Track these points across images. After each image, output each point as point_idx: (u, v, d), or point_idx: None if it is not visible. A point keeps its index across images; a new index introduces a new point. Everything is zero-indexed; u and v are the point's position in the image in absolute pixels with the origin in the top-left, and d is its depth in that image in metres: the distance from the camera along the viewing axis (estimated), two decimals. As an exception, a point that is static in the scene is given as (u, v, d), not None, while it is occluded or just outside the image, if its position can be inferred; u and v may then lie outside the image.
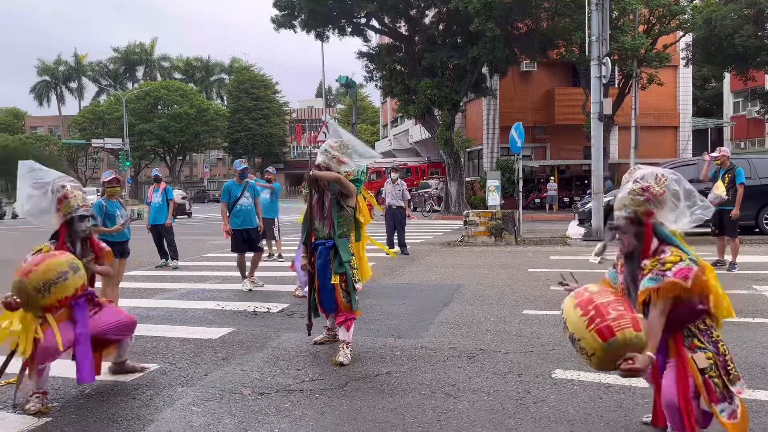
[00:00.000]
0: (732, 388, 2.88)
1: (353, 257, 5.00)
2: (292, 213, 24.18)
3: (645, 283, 2.92)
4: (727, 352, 2.93)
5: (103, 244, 4.52)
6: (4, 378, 4.32)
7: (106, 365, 4.58)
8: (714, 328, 2.97)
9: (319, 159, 4.99)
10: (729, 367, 2.90)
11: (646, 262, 2.98)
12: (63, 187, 4.22)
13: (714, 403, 2.83)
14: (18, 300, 3.85)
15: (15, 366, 4.89)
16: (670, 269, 2.87)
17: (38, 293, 3.85)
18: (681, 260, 2.89)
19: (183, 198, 30.55)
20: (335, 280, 4.85)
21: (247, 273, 8.49)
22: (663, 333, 2.90)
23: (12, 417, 3.85)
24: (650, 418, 3.47)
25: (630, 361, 2.73)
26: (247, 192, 8.44)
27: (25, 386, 3.99)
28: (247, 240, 8.40)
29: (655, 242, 3.02)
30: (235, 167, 8.73)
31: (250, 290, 8.24)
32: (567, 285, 3.34)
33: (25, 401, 3.94)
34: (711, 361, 2.86)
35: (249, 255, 8.56)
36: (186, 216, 29.41)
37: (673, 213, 3.05)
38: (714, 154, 9.19)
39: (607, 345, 2.77)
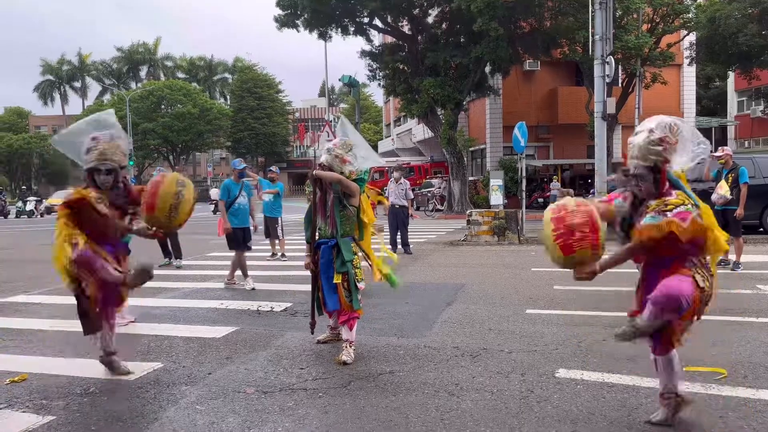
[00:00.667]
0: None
1: (356, 256, 5.00)
2: (295, 212, 24.20)
3: (646, 220, 3.23)
4: (712, 288, 3.29)
5: (135, 192, 4.52)
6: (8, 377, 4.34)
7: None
8: (709, 265, 3.31)
9: (323, 158, 5.01)
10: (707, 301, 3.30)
11: (652, 202, 3.26)
12: (94, 139, 4.30)
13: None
14: (157, 230, 4.35)
15: (16, 365, 4.92)
16: (671, 210, 3.17)
17: (169, 219, 4.31)
18: (683, 204, 3.19)
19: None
20: (338, 279, 4.85)
21: (235, 273, 8.59)
22: (667, 258, 3.25)
23: (17, 415, 3.86)
24: (656, 417, 3.46)
25: (580, 271, 3.33)
26: (244, 191, 8.58)
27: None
28: (242, 239, 8.51)
29: (666, 186, 3.30)
30: (234, 166, 8.78)
31: (253, 289, 8.28)
32: (560, 191, 3.67)
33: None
34: (707, 284, 3.25)
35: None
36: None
37: (679, 156, 3.32)
38: (717, 154, 9.16)
39: (565, 258, 3.32)
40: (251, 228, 8.73)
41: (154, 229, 4.35)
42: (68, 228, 4.15)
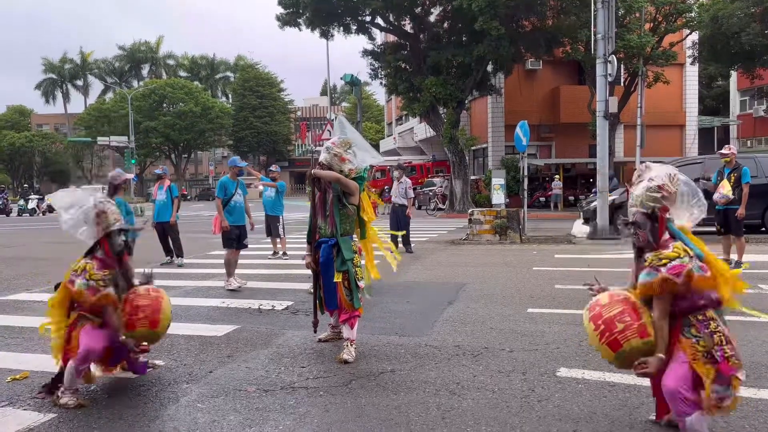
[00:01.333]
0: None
1: (356, 255, 4.99)
2: (296, 211, 24.22)
3: (641, 278, 3.15)
4: (723, 341, 3.05)
5: (131, 264, 4.48)
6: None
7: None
8: (711, 320, 3.09)
9: (322, 157, 5.01)
10: (726, 354, 3.02)
11: (648, 255, 3.17)
12: (101, 202, 4.25)
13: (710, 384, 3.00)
14: (144, 345, 4.31)
15: (18, 362, 4.93)
16: (665, 265, 3.07)
17: (164, 334, 4.44)
18: (678, 257, 3.07)
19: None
20: (338, 278, 4.85)
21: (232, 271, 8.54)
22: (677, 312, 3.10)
23: (19, 413, 3.87)
24: (655, 415, 3.47)
25: (641, 366, 3.13)
26: (239, 189, 8.55)
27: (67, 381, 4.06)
28: (238, 237, 8.47)
29: (666, 236, 3.21)
30: (234, 164, 8.69)
31: (239, 287, 8.22)
32: (591, 287, 3.60)
33: (57, 397, 4.01)
34: (704, 350, 3.03)
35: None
36: None
37: (678, 210, 3.28)
38: (724, 152, 9.15)
39: (617, 354, 3.19)
40: (248, 226, 8.68)
41: (142, 345, 4.27)
42: (61, 324, 4.14)
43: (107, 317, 4.09)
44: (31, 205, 35.92)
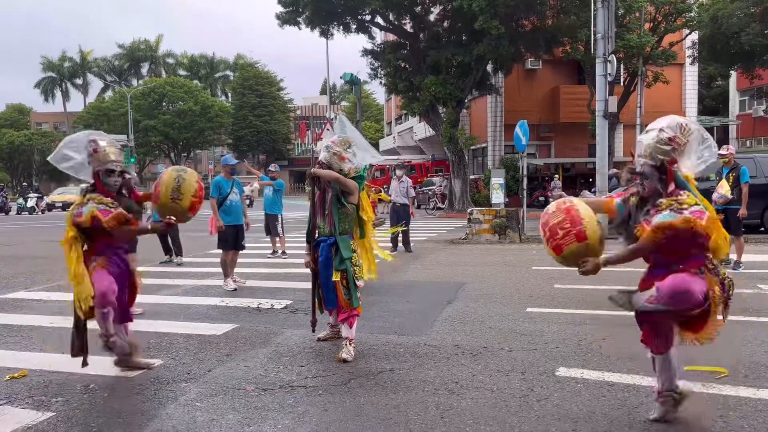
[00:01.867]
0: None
1: (354, 254, 4.99)
2: (295, 210, 24.21)
3: (664, 217, 3.17)
4: (730, 289, 3.28)
5: (140, 193, 4.67)
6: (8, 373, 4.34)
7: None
8: (720, 267, 3.28)
9: (322, 155, 5.00)
10: (728, 302, 3.29)
11: (663, 201, 3.22)
12: (93, 141, 4.36)
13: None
14: (170, 218, 4.46)
15: (16, 361, 4.92)
16: (687, 209, 3.14)
17: (174, 202, 4.42)
18: (696, 204, 3.19)
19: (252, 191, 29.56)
20: (336, 277, 4.85)
21: (234, 270, 8.49)
22: (676, 262, 3.26)
23: (17, 411, 3.86)
24: (655, 415, 3.46)
25: (582, 263, 3.35)
26: (235, 188, 8.38)
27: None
28: (234, 237, 8.36)
29: (672, 186, 3.27)
30: (226, 162, 8.53)
31: (235, 289, 8.13)
32: (552, 191, 3.76)
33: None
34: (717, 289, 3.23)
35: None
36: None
37: (688, 159, 3.32)
38: (722, 152, 9.14)
39: (561, 257, 3.42)
40: (244, 226, 8.56)
41: (167, 218, 4.47)
42: (80, 260, 4.23)
43: (123, 233, 4.29)
44: (30, 203, 35.86)
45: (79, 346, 4.34)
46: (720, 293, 3.23)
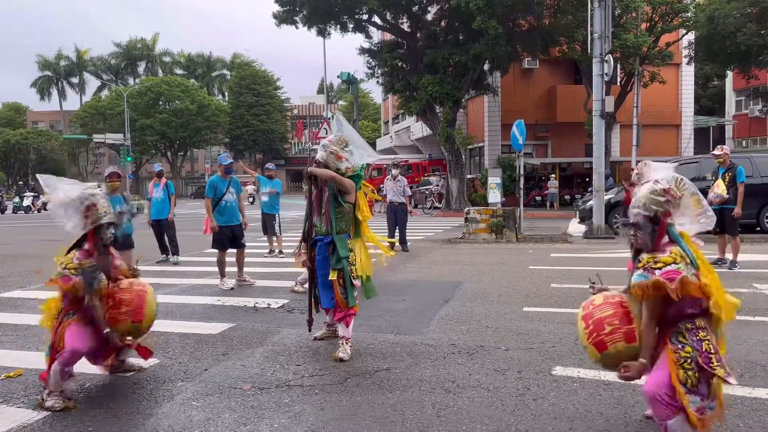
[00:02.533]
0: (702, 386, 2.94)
1: (351, 253, 4.98)
2: (292, 209, 24.18)
3: (634, 278, 3.09)
4: (711, 350, 2.96)
5: (118, 262, 4.41)
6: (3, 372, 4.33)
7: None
8: (701, 329, 3.02)
9: (319, 155, 5.00)
10: (711, 364, 2.93)
11: (644, 256, 3.12)
12: (92, 195, 4.18)
13: (686, 394, 2.91)
14: (131, 340, 4.27)
15: (12, 360, 4.91)
16: (660, 268, 3.00)
17: (148, 329, 4.40)
18: (674, 262, 3.01)
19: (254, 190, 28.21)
20: (333, 275, 4.85)
21: (236, 273, 8.47)
22: (671, 315, 3.05)
23: (12, 410, 3.85)
24: (650, 411, 3.47)
25: (623, 369, 3.12)
26: (231, 188, 8.28)
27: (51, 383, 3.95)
28: (231, 237, 8.30)
29: (665, 240, 3.17)
30: (221, 162, 8.45)
31: (231, 288, 8.11)
32: (593, 285, 3.58)
33: (42, 399, 3.93)
34: (688, 356, 2.95)
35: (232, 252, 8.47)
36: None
37: (683, 217, 3.22)
38: (716, 152, 9.17)
39: (602, 356, 3.24)
40: (242, 225, 8.49)
41: (128, 339, 4.22)
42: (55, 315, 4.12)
43: (92, 310, 4.05)
44: (26, 202, 35.81)
45: None
46: (688, 373, 2.92)
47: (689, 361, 2.94)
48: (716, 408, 2.96)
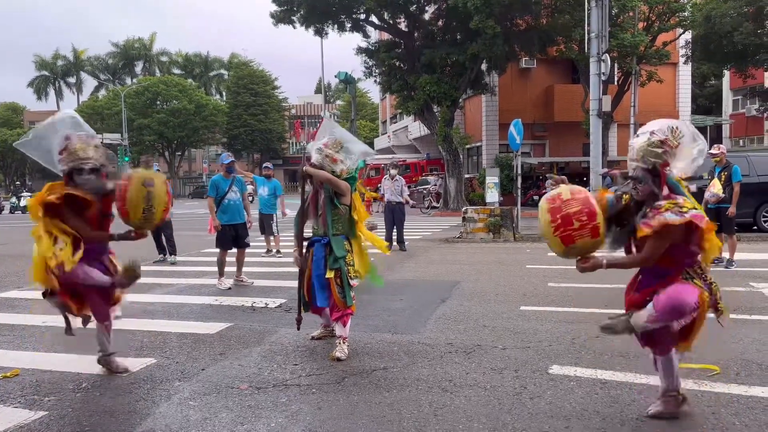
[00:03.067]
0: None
1: (348, 254, 4.98)
2: (290, 209, 24.17)
3: (667, 216, 3.15)
4: (717, 292, 3.33)
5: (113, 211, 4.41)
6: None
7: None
8: (707, 272, 3.34)
9: (314, 158, 4.98)
10: (718, 305, 3.35)
11: (662, 203, 3.21)
12: (67, 138, 4.16)
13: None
14: (137, 232, 4.30)
15: (8, 360, 4.90)
16: (688, 211, 3.16)
17: (146, 220, 4.19)
18: (694, 208, 3.21)
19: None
20: (330, 274, 4.85)
21: (235, 273, 8.44)
22: (664, 269, 3.29)
23: (9, 410, 3.84)
24: (652, 411, 3.47)
25: (583, 261, 3.34)
26: (234, 186, 8.27)
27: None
28: (234, 236, 8.29)
29: (665, 190, 3.27)
30: (221, 161, 8.46)
31: (229, 288, 8.09)
32: (553, 178, 3.67)
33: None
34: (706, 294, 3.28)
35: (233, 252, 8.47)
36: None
37: (679, 161, 3.32)
38: (713, 151, 9.18)
39: (567, 248, 3.32)
40: (246, 224, 8.49)
41: (135, 232, 4.29)
42: (49, 239, 4.08)
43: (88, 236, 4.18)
44: (23, 202, 35.72)
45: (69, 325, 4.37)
46: (708, 298, 3.26)
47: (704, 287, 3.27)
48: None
